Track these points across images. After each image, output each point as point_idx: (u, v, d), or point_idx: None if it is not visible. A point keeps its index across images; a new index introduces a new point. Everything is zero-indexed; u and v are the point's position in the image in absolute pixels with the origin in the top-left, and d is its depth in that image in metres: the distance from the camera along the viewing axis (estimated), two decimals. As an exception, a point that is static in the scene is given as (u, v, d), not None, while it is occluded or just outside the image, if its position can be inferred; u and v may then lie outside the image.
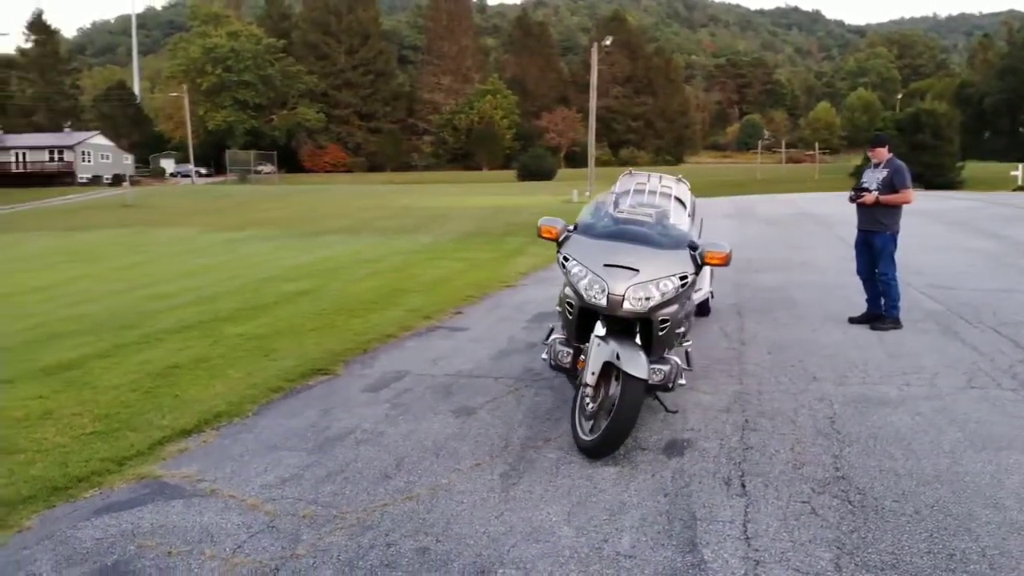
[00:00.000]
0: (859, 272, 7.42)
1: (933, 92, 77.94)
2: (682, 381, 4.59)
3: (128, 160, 76.27)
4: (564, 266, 4.35)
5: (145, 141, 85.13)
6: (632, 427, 4.04)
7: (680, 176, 5.94)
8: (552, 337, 4.66)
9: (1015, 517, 3.33)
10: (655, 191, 5.78)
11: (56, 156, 68.69)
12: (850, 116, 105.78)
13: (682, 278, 4.18)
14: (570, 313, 4.38)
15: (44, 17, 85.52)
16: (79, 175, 67.79)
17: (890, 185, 6.95)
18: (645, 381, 3.97)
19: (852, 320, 7.35)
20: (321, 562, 3.09)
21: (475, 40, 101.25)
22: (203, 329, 7.77)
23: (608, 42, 50.66)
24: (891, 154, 7.13)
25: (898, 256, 7.20)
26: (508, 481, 3.83)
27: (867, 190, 7.07)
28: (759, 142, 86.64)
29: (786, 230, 17.96)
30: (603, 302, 4.09)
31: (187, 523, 3.47)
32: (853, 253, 7.54)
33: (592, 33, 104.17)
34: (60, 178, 66.11)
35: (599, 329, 4.18)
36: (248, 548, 3.22)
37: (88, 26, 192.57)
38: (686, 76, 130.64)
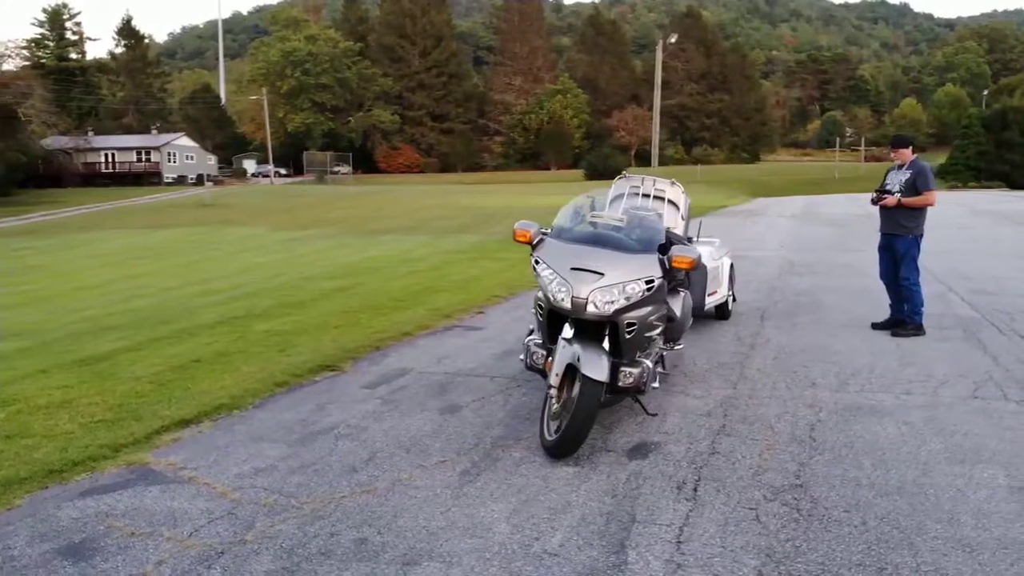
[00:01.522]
0: (881, 276, 7.21)
1: (1023, 88, 73.83)
2: (655, 384, 4.61)
3: (211, 161, 79.45)
4: (535, 269, 4.42)
5: (228, 142, 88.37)
6: (588, 428, 4.07)
7: (673, 180, 5.92)
8: (528, 338, 4.74)
9: (965, 533, 3.23)
10: (649, 194, 5.78)
11: (143, 157, 72.02)
12: (937, 113, 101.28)
13: (648, 282, 4.20)
14: (541, 315, 4.45)
15: (133, 23, 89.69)
16: (165, 175, 70.90)
17: (912, 187, 6.74)
18: (603, 384, 4.00)
19: (875, 326, 7.15)
20: (264, 548, 3.26)
21: (547, 40, 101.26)
22: (234, 325, 8.12)
23: (673, 39, 49.94)
24: (915, 155, 6.90)
25: (950, 260, 6.98)
26: (466, 478, 3.94)
27: (889, 192, 6.87)
28: (836, 139, 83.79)
29: (843, 231, 17.44)
30: (568, 305, 4.14)
31: (158, 507, 3.70)
32: None
33: (667, 29, 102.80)
34: (147, 178, 69.33)
35: (567, 331, 4.23)
36: (204, 532, 3.42)
37: (178, 31, 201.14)
38: (765, 72, 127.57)
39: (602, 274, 4.13)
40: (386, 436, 4.59)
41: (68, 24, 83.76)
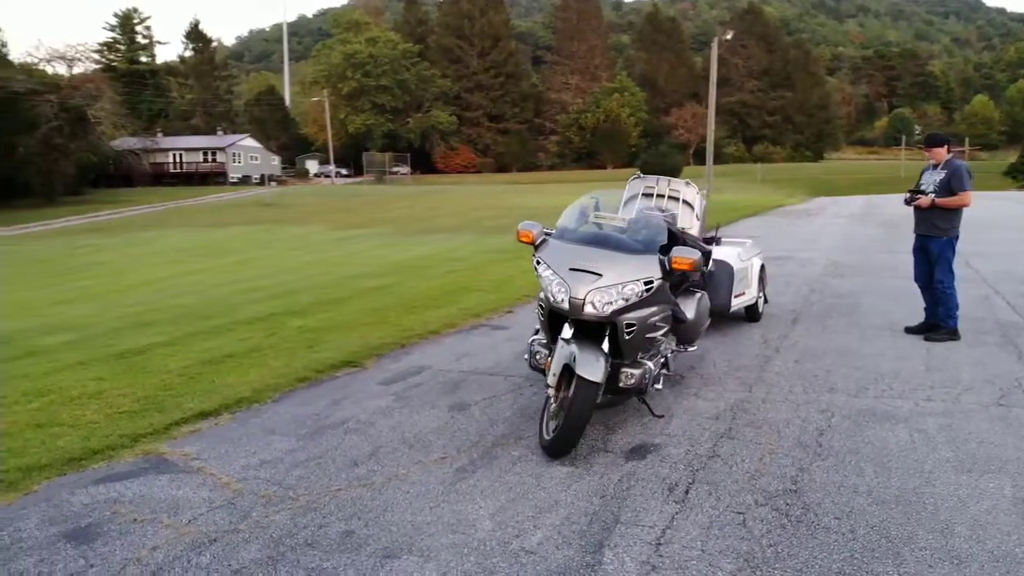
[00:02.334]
0: (916, 279, 7.00)
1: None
2: (658, 386, 4.60)
3: (275, 161, 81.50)
4: (536, 269, 4.44)
5: (292, 143, 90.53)
6: (583, 428, 4.08)
7: (688, 180, 5.85)
8: (532, 338, 4.77)
9: (957, 545, 3.14)
10: (663, 195, 5.74)
11: (209, 157, 74.34)
12: (1010, 110, 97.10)
13: (647, 283, 4.18)
14: (543, 315, 4.48)
15: (200, 27, 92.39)
16: (230, 175, 73.01)
17: (947, 187, 6.52)
18: (598, 384, 4.01)
19: (908, 330, 6.95)
20: (254, 537, 3.37)
21: (604, 39, 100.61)
22: (271, 321, 8.35)
23: (728, 36, 49.00)
24: (951, 154, 6.67)
25: (1003, 263, 6.74)
26: (461, 475, 3.99)
27: (923, 192, 6.66)
28: (902, 137, 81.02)
29: (897, 232, 16.88)
30: (566, 305, 4.16)
31: (164, 495, 3.86)
32: (961, 259, 7.13)
33: (729, 26, 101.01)
34: (213, 178, 71.53)
35: (566, 331, 4.25)
36: (201, 521, 3.56)
37: (245, 34, 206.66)
38: (831, 69, 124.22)
39: (600, 275, 4.14)
40: (392, 432, 4.68)
41: (138, 28, 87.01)
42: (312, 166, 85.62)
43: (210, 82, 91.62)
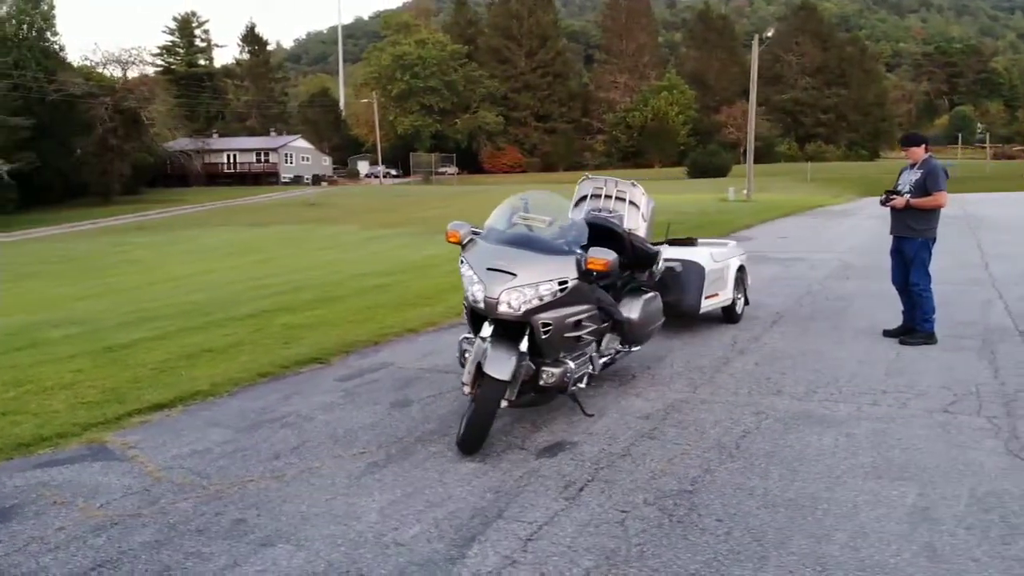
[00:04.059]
0: (893, 281, 6.85)
1: None
2: (582, 385, 4.62)
3: (326, 162, 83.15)
4: (460, 269, 4.51)
5: (344, 144, 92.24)
6: (488, 424, 4.14)
7: (634, 181, 5.83)
8: (463, 336, 4.83)
9: (827, 552, 3.10)
10: (611, 195, 5.75)
11: (262, 158, 76.18)
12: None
13: (561, 283, 4.22)
14: (467, 314, 4.55)
15: (256, 30, 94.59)
16: (282, 175, 74.70)
17: (923, 188, 6.36)
18: (504, 382, 4.06)
19: (886, 333, 6.80)
20: (152, 522, 3.52)
21: (654, 36, 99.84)
22: (261, 318, 8.58)
23: (770, 33, 48.07)
24: (928, 154, 6.51)
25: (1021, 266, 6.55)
26: (371, 469, 4.08)
27: (899, 193, 6.51)
28: (959, 136, 78.27)
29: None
30: (482, 304, 4.23)
31: (90, 480, 4.04)
32: (980, 262, 6.97)
33: (784, 22, 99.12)
34: (265, 178, 73.31)
35: (485, 330, 4.31)
36: (113, 505, 3.72)
37: (303, 37, 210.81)
38: (891, 65, 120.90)
39: (514, 274, 4.19)
40: (325, 427, 4.80)
41: (197, 32, 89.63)
42: (363, 167, 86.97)
43: (265, 84, 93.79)
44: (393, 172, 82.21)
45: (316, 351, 6.78)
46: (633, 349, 5.42)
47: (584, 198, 5.80)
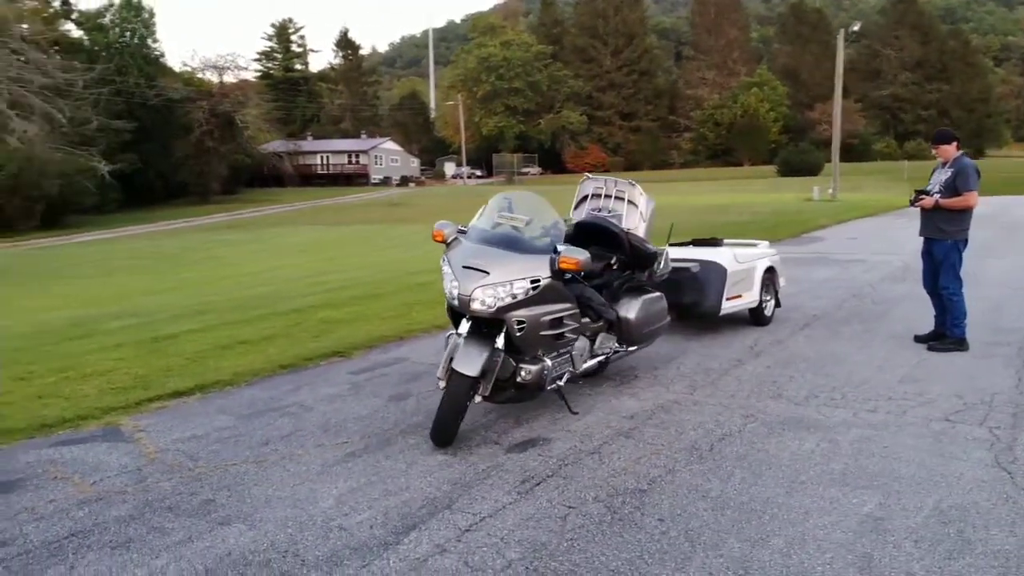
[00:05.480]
0: (924, 284, 6.56)
1: None
2: (560, 383, 4.66)
3: (414, 163, 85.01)
4: (441, 267, 4.63)
5: (433, 146, 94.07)
6: (456, 418, 4.24)
7: (633, 181, 5.77)
8: (449, 332, 4.94)
9: (757, 556, 3.05)
10: (610, 195, 5.73)
11: (353, 159, 78.49)
12: None
13: (533, 282, 4.27)
14: (448, 311, 4.66)
15: (349, 35, 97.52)
16: (372, 176, 76.77)
17: (952, 187, 6.07)
18: (471, 378, 4.15)
19: (917, 338, 6.52)
20: (131, 498, 3.78)
21: (745, 32, 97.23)
22: (304, 312, 8.93)
23: (856, 27, 46.05)
24: (960, 152, 6.20)
25: None
26: (346, 458, 4.25)
27: (928, 193, 6.24)
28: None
29: (1011, 236, 15.57)
30: (456, 302, 4.33)
31: (93, 459, 4.37)
32: None
33: (885, 14, 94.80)
34: (356, 179, 75.53)
35: (463, 327, 4.42)
36: (104, 483, 4.02)
37: (397, 41, 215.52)
38: (999, 59, 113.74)
39: (487, 272, 4.27)
40: (321, 417, 5.01)
41: (293, 38, 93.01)
42: (449, 168, 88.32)
43: (358, 88, 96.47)
44: (478, 173, 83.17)
45: (341, 345, 7.04)
46: (631, 349, 5.41)
47: (585, 198, 5.83)
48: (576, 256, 4.25)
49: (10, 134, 38.18)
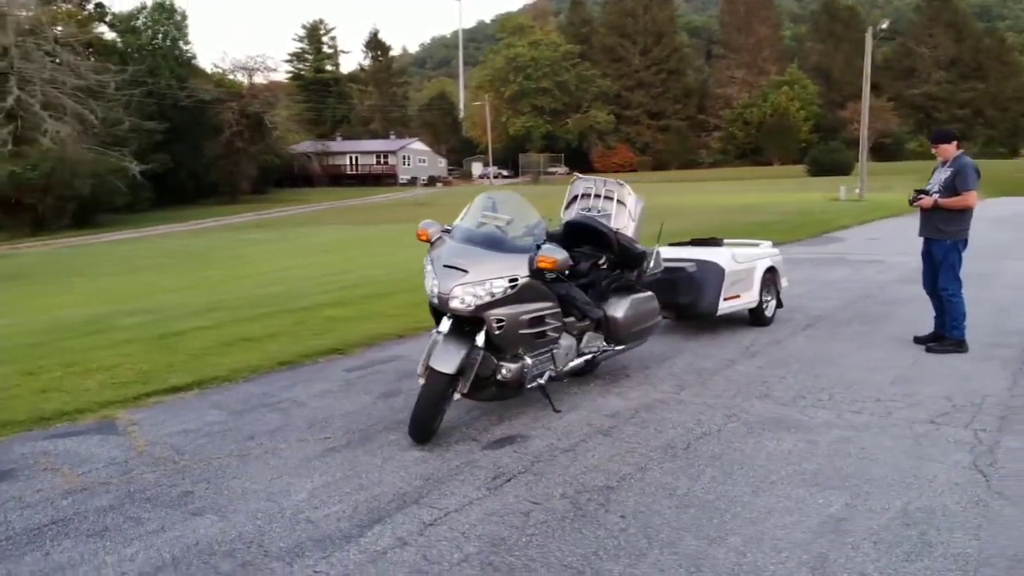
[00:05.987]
0: (924, 285, 6.48)
1: None
2: (541, 381, 4.70)
3: (442, 163, 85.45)
4: (424, 265, 4.69)
5: (461, 146, 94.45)
6: (433, 415, 4.29)
7: (621, 181, 5.78)
8: (434, 330, 5.00)
9: (712, 554, 3.07)
10: (600, 195, 5.75)
11: (381, 159, 79.14)
12: None
13: (511, 280, 4.32)
14: (430, 309, 4.72)
15: (379, 36, 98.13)
16: (400, 176, 77.32)
17: (951, 187, 6.00)
18: (448, 375, 4.21)
19: (917, 339, 6.45)
20: (114, 489, 3.89)
21: (776, 30, 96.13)
22: (312, 311, 9.06)
23: (884, 25, 45.34)
24: (960, 151, 6.12)
25: None
26: (326, 453, 4.33)
27: (927, 192, 6.17)
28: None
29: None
30: (436, 300, 4.40)
31: (84, 451, 4.50)
32: None
33: (920, 12, 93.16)
34: (384, 179, 76.14)
35: (443, 325, 4.48)
36: (91, 474, 4.14)
37: (428, 41, 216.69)
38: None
39: (466, 271, 4.33)
40: (311, 413, 5.10)
41: (324, 39, 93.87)
42: (476, 168, 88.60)
43: (387, 88, 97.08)
44: (504, 173, 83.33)
45: (341, 343, 7.14)
46: (619, 348, 5.43)
47: (576, 198, 5.86)
48: (553, 255, 4.29)
49: (43, 135, 39.12)
